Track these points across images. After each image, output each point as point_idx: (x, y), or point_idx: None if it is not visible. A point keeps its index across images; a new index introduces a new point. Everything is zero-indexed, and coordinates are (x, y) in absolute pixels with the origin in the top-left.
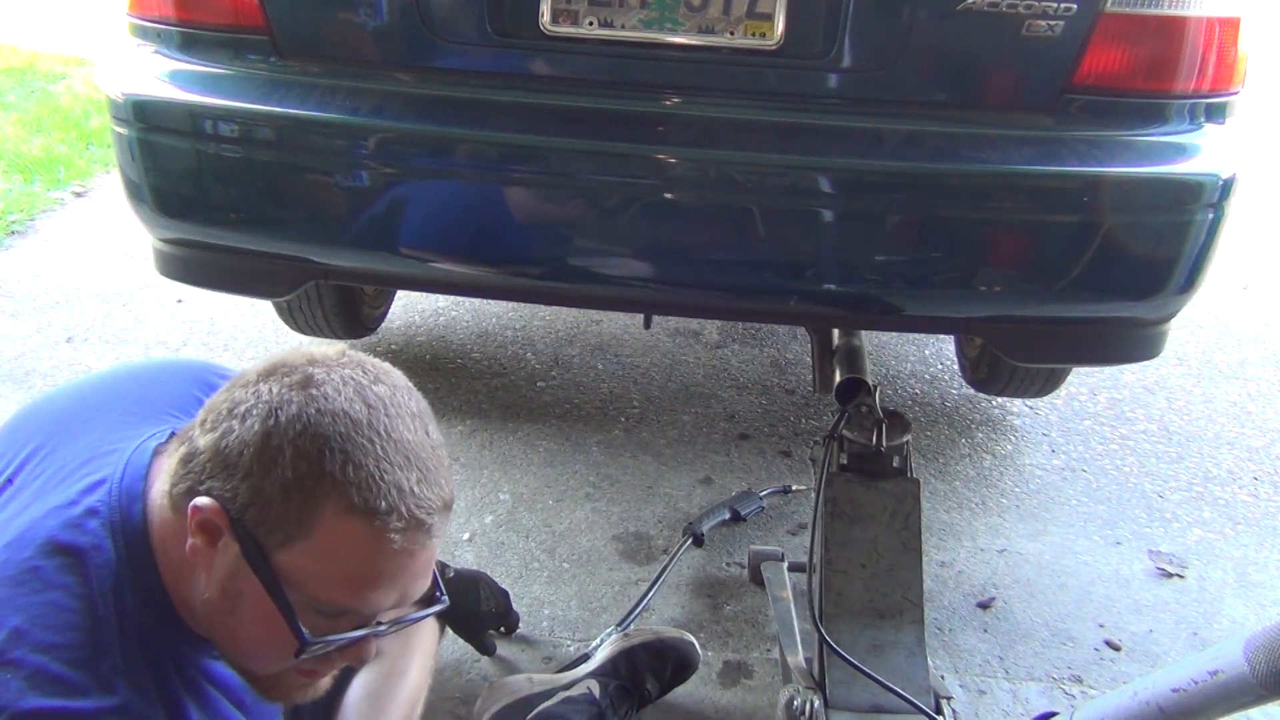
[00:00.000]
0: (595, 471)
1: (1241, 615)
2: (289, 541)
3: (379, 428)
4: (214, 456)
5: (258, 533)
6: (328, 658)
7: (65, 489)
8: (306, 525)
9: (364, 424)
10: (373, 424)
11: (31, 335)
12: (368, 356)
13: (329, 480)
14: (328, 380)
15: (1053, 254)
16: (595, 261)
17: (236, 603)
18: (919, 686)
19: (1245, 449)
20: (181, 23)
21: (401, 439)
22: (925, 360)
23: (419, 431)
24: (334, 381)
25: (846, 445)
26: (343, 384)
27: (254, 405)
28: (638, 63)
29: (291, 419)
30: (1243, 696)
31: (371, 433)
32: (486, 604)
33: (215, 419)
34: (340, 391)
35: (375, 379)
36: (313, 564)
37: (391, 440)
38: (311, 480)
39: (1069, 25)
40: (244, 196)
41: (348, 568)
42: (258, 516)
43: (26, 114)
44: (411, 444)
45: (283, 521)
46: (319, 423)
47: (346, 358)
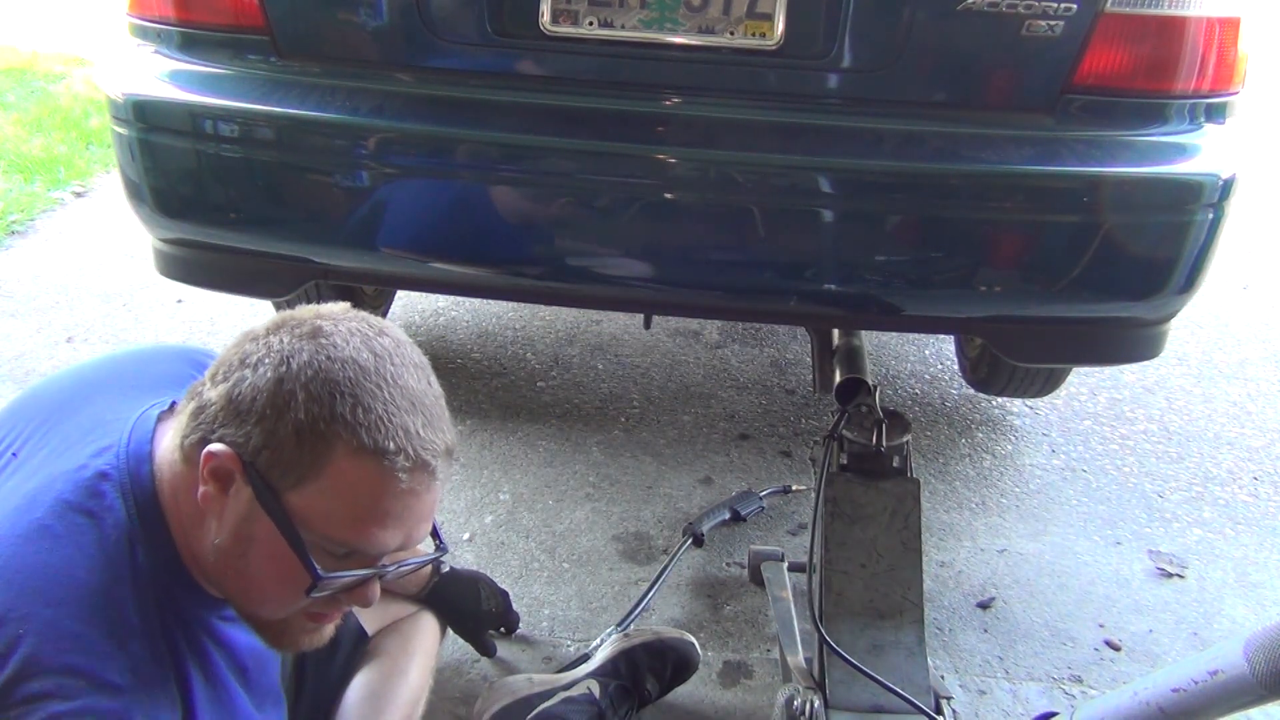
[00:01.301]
0: (595, 471)
1: (1241, 615)
2: (301, 482)
3: (385, 375)
4: (226, 405)
5: (270, 475)
6: (334, 600)
7: (71, 456)
8: (318, 465)
9: (371, 371)
10: (380, 371)
11: (31, 335)
12: (370, 314)
13: (340, 422)
14: (336, 331)
15: (1053, 254)
16: (595, 261)
17: (249, 546)
18: (919, 686)
19: (1245, 449)
20: (181, 23)
21: (407, 386)
22: (925, 360)
23: (422, 381)
24: (341, 332)
25: (846, 445)
26: (350, 334)
27: (265, 355)
28: (638, 63)
29: (303, 365)
30: (1243, 696)
31: (379, 379)
32: (487, 604)
33: (226, 371)
34: (348, 341)
35: (379, 331)
36: (324, 503)
37: (398, 386)
38: (323, 422)
39: (1069, 25)
40: (244, 196)
41: (357, 506)
42: (270, 459)
43: (26, 114)
44: (416, 391)
45: (295, 463)
46: (329, 369)
47: (351, 313)
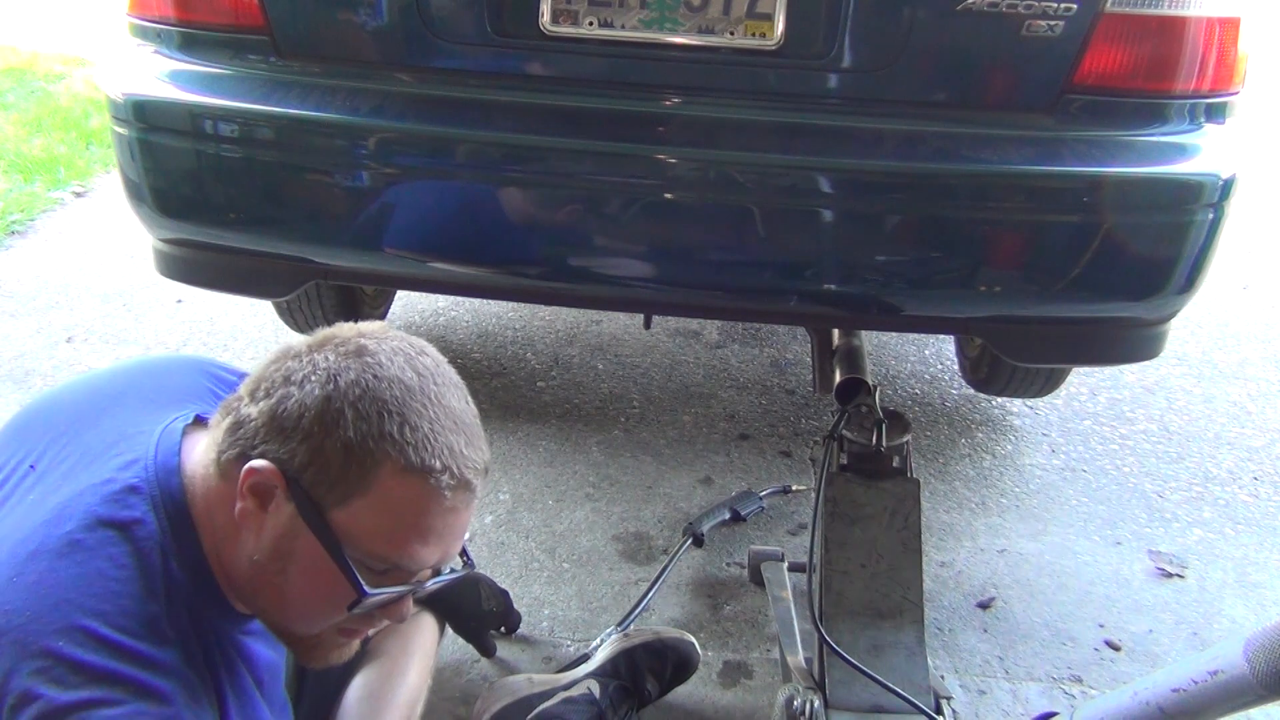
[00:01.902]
0: (595, 471)
1: (1241, 615)
2: (347, 499)
3: (429, 394)
4: (269, 421)
5: (315, 492)
6: (369, 616)
7: (97, 469)
8: (365, 483)
9: (416, 390)
10: (424, 390)
11: (31, 335)
12: (409, 335)
13: (388, 440)
14: (380, 350)
15: (1053, 254)
16: (595, 261)
17: (288, 562)
18: (919, 686)
19: (1245, 449)
20: (181, 23)
21: (449, 405)
22: (925, 360)
23: (461, 400)
24: (386, 351)
25: (846, 445)
26: (394, 353)
27: (311, 372)
28: (638, 63)
29: (350, 384)
30: (1243, 696)
31: (424, 398)
32: (487, 604)
33: (270, 387)
34: (393, 360)
35: (420, 351)
36: (369, 520)
37: (441, 405)
38: (372, 440)
39: (1069, 25)
40: (244, 196)
41: (402, 523)
42: (316, 476)
43: (26, 114)
44: (457, 410)
45: (342, 480)
46: (376, 387)
47: (392, 332)
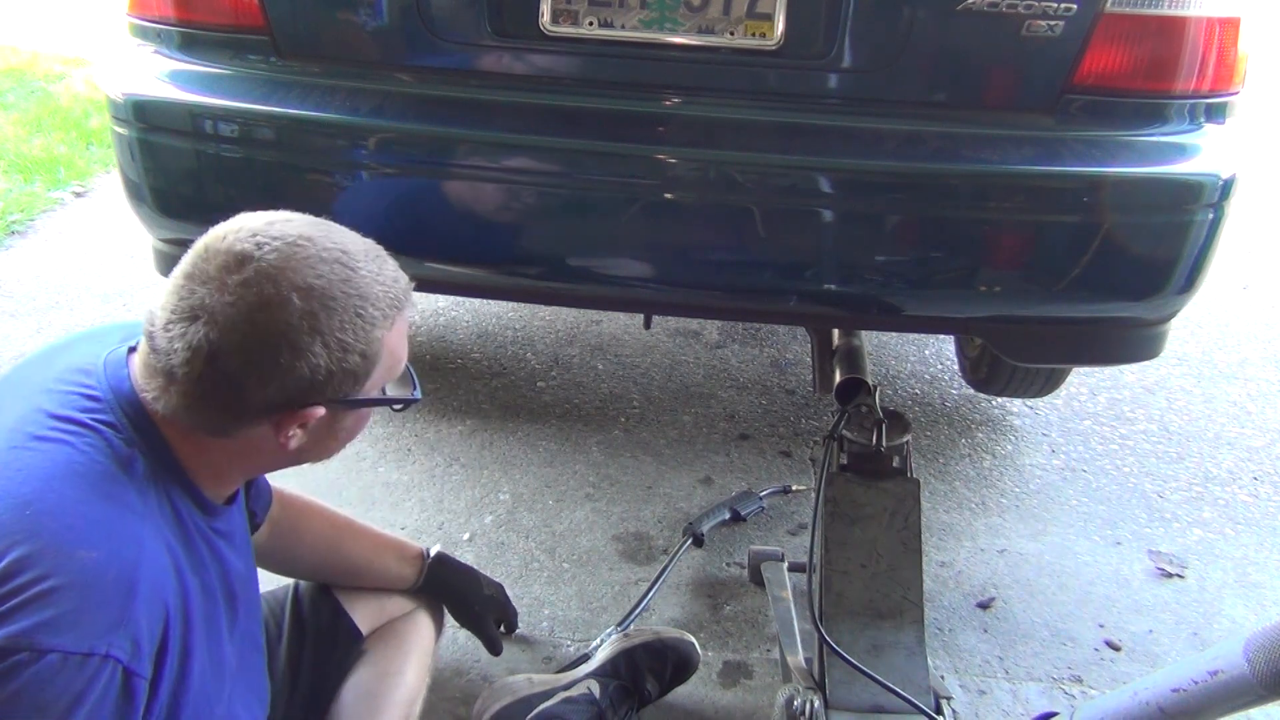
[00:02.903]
0: (595, 471)
1: (1241, 615)
2: (369, 374)
3: (341, 248)
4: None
5: (347, 392)
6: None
7: (52, 391)
8: (376, 358)
9: (342, 261)
10: (345, 257)
11: (31, 335)
12: (246, 220)
13: (371, 321)
14: (285, 249)
15: (1053, 254)
16: (595, 261)
17: (337, 431)
18: (919, 686)
19: (1245, 449)
20: (181, 23)
21: (358, 247)
22: (925, 360)
23: (343, 232)
24: (277, 248)
25: (846, 445)
26: (294, 244)
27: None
28: (638, 63)
29: (311, 297)
30: (1243, 696)
31: (349, 261)
32: (487, 589)
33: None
34: (294, 252)
35: (287, 220)
36: (384, 367)
37: (353, 249)
38: (364, 331)
39: (1069, 25)
40: (244, 196)
41: (400, 350)
42: (343, 385)
43: (26, 114)
44: (364, 244)
45: (364, 372)
46: (327, 289)
47: (258, 221)
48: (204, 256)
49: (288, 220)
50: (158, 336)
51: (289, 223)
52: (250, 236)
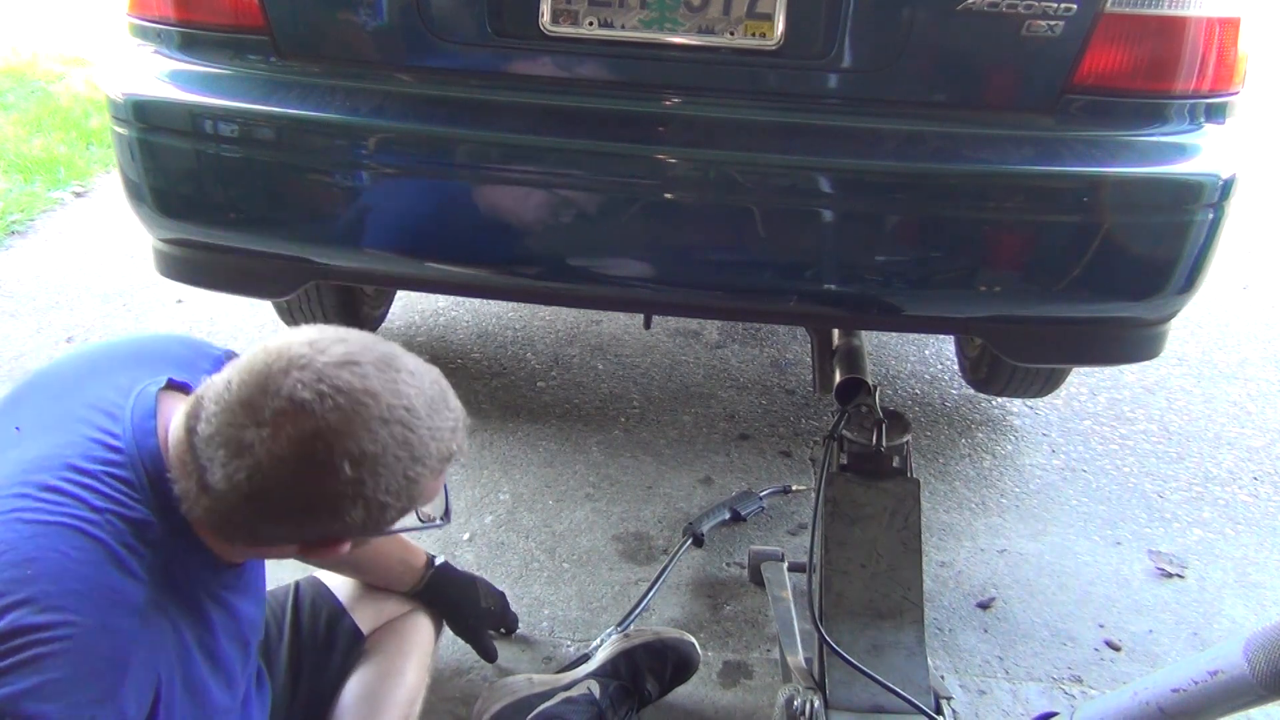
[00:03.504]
0: (595, 471)
1: (1241, 615)
2: (403, 515)
3: (411, 408)
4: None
5: (382, 529)
6: None
7: (77, 428)
8: (413, 505)
9: (407, 409)
10: (409, 407)
11: (31, 335)
12: (318, 355)
13: (422, 464)
14: (349, 398)
15: (1053, 254)
16: (596, 261)
17: (359, 545)
18: (919, 686)
19: (1245, 449)
20: (181, 23)
21: (419, 401)
22: (925, 360)
23: (410, 380)
24: (348, 422)
25: (846, 445)
26: (344, 401)
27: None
28: (638, 63)
29: (373, 449)
30: (1243, 696)
31: (411, 414)
32: (485, 602)
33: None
34: (355, 413)
35: (344, 362)
36: (420, 503)
37: (414, 405)
38: (412, 473)
39: (1069, 25)
40: (244, 196)
41: (436, 490)
42: (379, 527)
43: (26, 114)
44: (415, 394)
45: (398, 516)
46: (383, 437)
47: (308, 367)
48: (262, 388)
49: (356, 363)
50: (200, 444)
51: (356, 367)
52: (315, 382)
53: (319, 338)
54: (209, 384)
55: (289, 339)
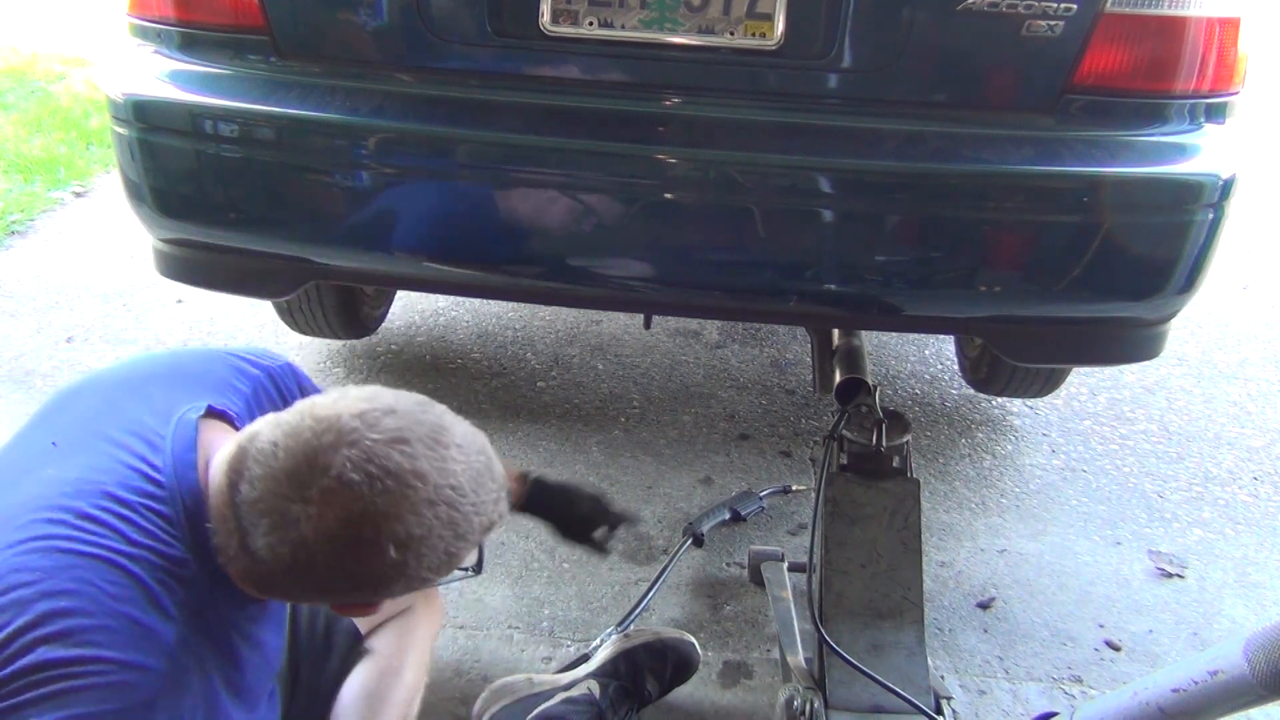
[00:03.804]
0: (595, 471)
1: (1241, 615)
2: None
3: (459, 487)
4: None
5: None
6: None
7: (116, 452)
8: (455, 566)
9: (454, 488)
10: (456, 486)
11: (31, 335)
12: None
13: (465, 540)
14: (405, 481)
15: (1053, 254)
16: (596, 261)
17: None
18: (919, 686)
19: (1245, 449)
20: (181, 23)
21: (465, 479)
22: (925, 360)
23: (458, 456)
24: (396, 505)
25: (846, 445)
26: (393, 484)
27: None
28: (638, 63)
29: (416, 540)
30: (1243, 696)
31: (459, 494)
32: (585, 506)
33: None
34: (404, 496)
35: (394, 440)
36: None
37: (464, 489)
38: (456, 545)
39: (1069, 25)
40: (244, 196)
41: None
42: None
43: (26, 114)
44: (474, 470)
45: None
46: (429, 534)
47: (356, 444)
48: (310, 462)
49: (405, 442)
50: (243, 506)
51: (406, 447)
52: (364, 462)
53: (368, 409)
54: (253, 438)
55: (337, 407)
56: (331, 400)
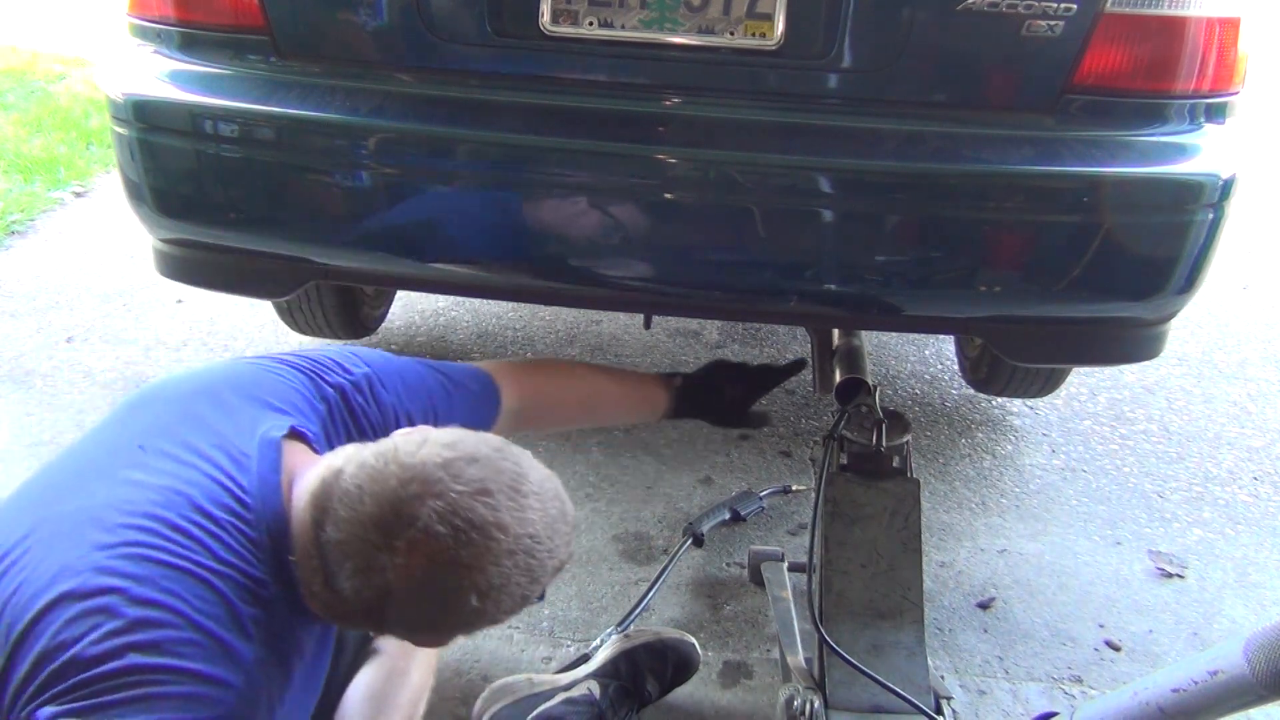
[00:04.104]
0: (595, 471)
1: (1241, 615)
2: None
3: (527, 539)
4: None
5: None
6: None
7: (203, 466)
8: (527, 605)
9: (524, 555)
10: (523, 543)
11: (31, 335)
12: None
13: (534, 586)
14: (488, 535)
15: (1053, 254)
16: (595, 261)
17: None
18: (919, 686)
19: (1245, 449)
20: (181, 23)
21: (541, 526)
22: (925, 360)
23: (536, 504)
24: (479, 558)
25: (846, 445)
26: (477, 537)
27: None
28: (638, 63)
29: (495, 589)
30: (1243, 696)
31: (533, 550)
32: (731, 391)
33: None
34: (487, 549)
35: (478, 492)
36: None
37: (541, 537)
38: (522, 604)
39: (1069, 25)
40: (244, 196)
41: None
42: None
43: (26, 114)
44: (550, 517)
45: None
46: (508, 582)
47: (442, 495)
48: (396, 512)
49: (488, 494)
50: (328, 547)
51: (489, 499)
52: (450, 514)
53: (452, 458)
54: (337, 476)
55: (422, 455)
56: (415, 444)
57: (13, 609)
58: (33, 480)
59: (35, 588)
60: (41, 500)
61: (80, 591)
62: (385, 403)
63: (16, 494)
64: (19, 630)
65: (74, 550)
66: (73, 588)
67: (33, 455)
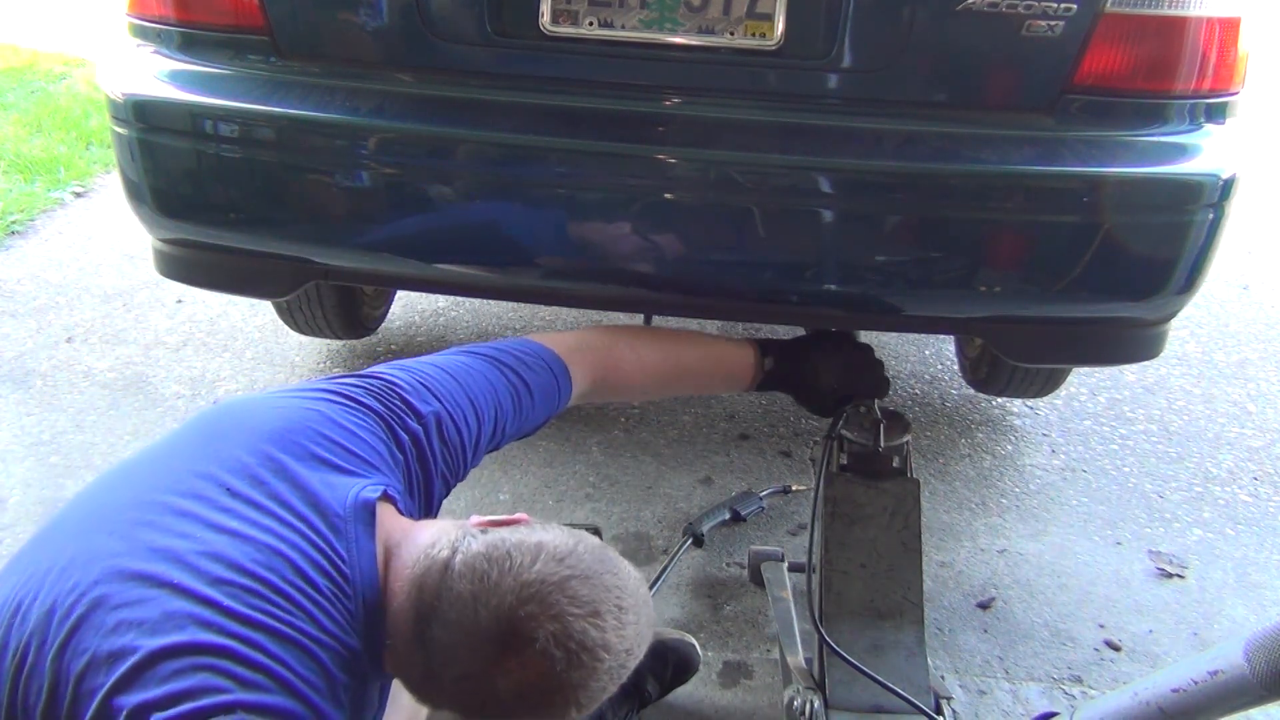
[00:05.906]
0: (595, 471)
1: (1241, 615)
2: None
3: (623, 653)
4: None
5: None
6: None
7: (302, 529)
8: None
9: (623, 664)
10: (620, 657)
11: (31, 335)
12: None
13: (615, 685)
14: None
15: (1053, 254)
16: (595, 261)
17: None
18: (919, 687)
19: (1245, 449)
20: (181, 23)
21: (632, 645)
22: (925, 360)
23: (632, 619)
24: (582, 663)
25: (846, 445)
26: (587, 659)
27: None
28: (638, 63)
29: (592, 700)
30: (1243, 696)
31: (626, 659)
32: (826, 378)
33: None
34: (594, 669)
35: (590, 614)
36: None
37: (632, 651)
38: (610, 690)
39: (1069, 25)
40: (244, 196)
41: None
42: None
43: (26, 114)
44: (637, 633)
45: None
46: (603, 692)
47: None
48: (512, 629)
49: (599, 616)
50: (433, 646)
51: (600, 620)
52: (565, 638)
53: (568, 576)
54: (445, 572)
55: (539, 572)
56: (530, 554)
57: (105, 650)
58: (98, 497)
59: (134, 635)
60: (117, 526)
61: (189, 647)
62: (454, 444)
63: (83, 508)
64: (120, 674)
65: (174, 600)
66: (180, 642)
67: (33, 455)
